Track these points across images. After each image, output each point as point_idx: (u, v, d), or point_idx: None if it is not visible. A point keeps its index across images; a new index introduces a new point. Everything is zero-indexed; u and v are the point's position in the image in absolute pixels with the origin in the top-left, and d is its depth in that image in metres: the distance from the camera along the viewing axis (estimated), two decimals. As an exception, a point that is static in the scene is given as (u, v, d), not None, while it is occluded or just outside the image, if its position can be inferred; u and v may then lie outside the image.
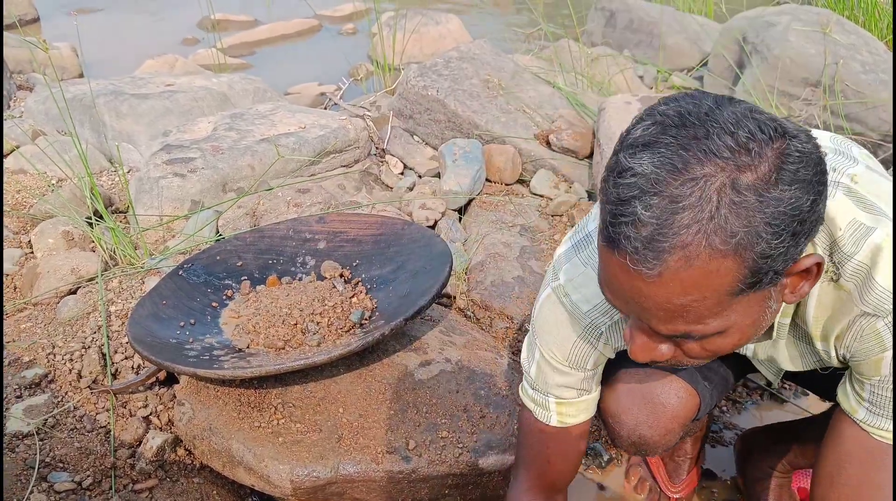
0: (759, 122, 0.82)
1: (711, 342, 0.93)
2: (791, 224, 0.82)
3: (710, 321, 0.88)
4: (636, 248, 0.82)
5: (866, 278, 0.97)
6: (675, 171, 0.80)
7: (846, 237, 0.97)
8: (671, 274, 0.82)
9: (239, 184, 2.43)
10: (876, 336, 1.00)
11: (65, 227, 2.24)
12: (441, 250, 1.77)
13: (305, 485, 1.49)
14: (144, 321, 1.67)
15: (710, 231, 0.80)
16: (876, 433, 1.08)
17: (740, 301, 0.87)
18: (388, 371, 1.68)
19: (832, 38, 3.01)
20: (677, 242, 0.80)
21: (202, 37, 4.80)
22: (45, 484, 1.55)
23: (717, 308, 0.86)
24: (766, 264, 0.83)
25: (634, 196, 0.81)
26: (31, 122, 2.98)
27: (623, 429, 1.32)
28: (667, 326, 0.89)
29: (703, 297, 0.84)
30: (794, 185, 0.81)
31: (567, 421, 1.28)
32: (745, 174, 0.80)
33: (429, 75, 2.74)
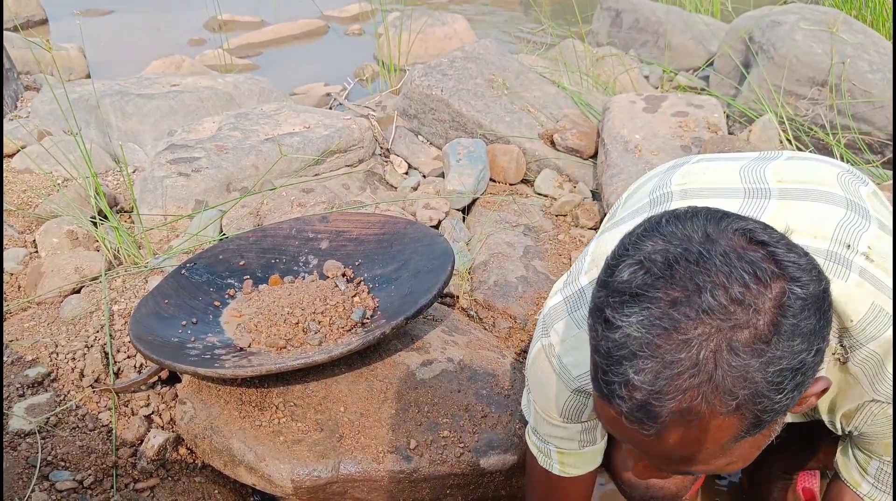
0: (753, 264, 0.76)
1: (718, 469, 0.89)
2: (794, 378, 0.77)
3: (713, 462, 0.84)
4: (630, 410, 0.78)
5: (878, 367, 0.93)
6: (666, 333, 0.75)
7: (861, 327, 0.93)
8: (669, 433, 0.78)
9: (243, 183, 2.43)
10: (888, 420, 0.97)
11: (69, 226, 2.24)
12: (443, 250, 1.76)
13: (306, 484, 1.49)
14: (146, 319, 1.67)
15: (708, 393, 0.75)
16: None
17: (745, 441, 0.83)
18: (390, 370, 1.67)
19: (839, 38, 3.00)
20: (674, 406, 0.76)
21: (209, 37, 4.82)
22: (46, 483, 1.55)
23: (719, 452, 0.82)
24: (770, 417, 0.79)
25: (624, 357, 0.77)
26: (36, 122, 2.99)
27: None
28: (669, 467, 0.86)
29: (704, 449, 0.80)
30: (795, 339, 0.76)
31: (569, 472, 1.25)
32: (742, 333, 0.75)
33: (433, 75, 2.74)
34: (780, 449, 1.61)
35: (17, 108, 3.28)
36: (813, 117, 2.90)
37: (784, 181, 1.06)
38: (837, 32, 3.00)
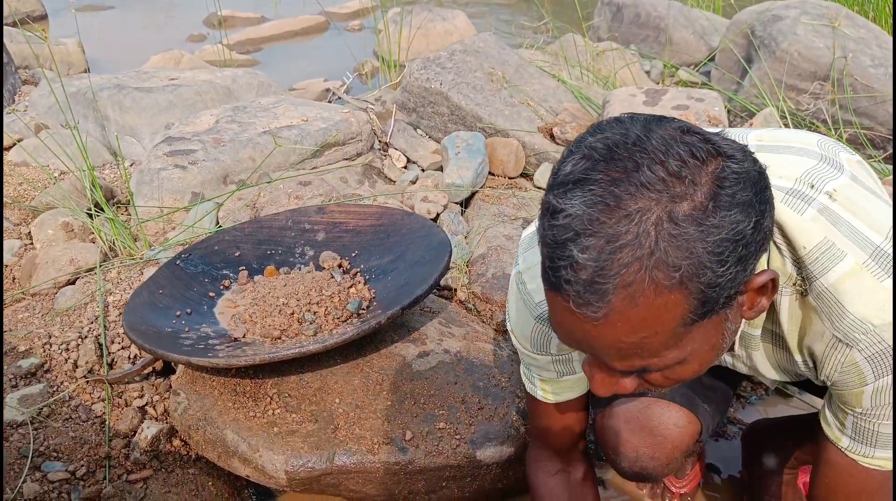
0: (690, 145, 0.78)
1: (672, 372, 0.89)
2: (735, 250, 0.78)
3: (665, 354, 0.84)
4: (577, 292, 0.79)
5: (835, 305, 0.94)
6: (608, 209, 0.76)
7: (813, 257, 0.94)
8: (617, 315, 0.79)
9: (240, 176, 2.41)
10: (855, 369, 0.97)
11: (64, 218, 2.23)
12: (440, 240, 1.75)
13: (300, 476, 1.47)
14: (140, 309, 1.66)
15: (651, 267, 0.76)
16: (863, 461, 1.07)
17: (696, 330, 0.83)
18: (386, 362, 1.66)
19: (841, 32, 2.98)
20: (619, 282, 0.77)
21: (208, 33, 4.81)
22: (38, 473, 1.53)
23: (670, 341, 0.83)
24: (715, 293, 0.80)
25: (569, 239, 0.78)
26: (33, 115, 2.98)
27: (624, 462, 1.30)
28: (622, 363, 0.86)
29: (654, 333, 0.81)
30: (733, 209, 0.78)
31: (551, 399, 1.28)
32: (681, 204, 0.76)
33: (432, 68, 2.73)
34: (783, 444, 1.60)
35: (15, 102, 3.27)
36: (815, 112, 2.88)
37: (763, 140, 1.07)
38: (839, 27, 2.98)
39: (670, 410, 1.27)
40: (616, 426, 1.28)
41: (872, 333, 0.93)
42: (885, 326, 0.93)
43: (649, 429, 1.27)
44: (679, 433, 1.27)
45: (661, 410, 1.27)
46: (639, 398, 1.27)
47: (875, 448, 1.04)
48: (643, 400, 1.28)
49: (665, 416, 1.27)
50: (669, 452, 1.27)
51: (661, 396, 1.28)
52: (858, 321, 0.93)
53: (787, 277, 0.97)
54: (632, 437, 1.27)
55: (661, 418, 1.27)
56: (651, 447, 1.26)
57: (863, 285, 0.93)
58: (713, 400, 1.35)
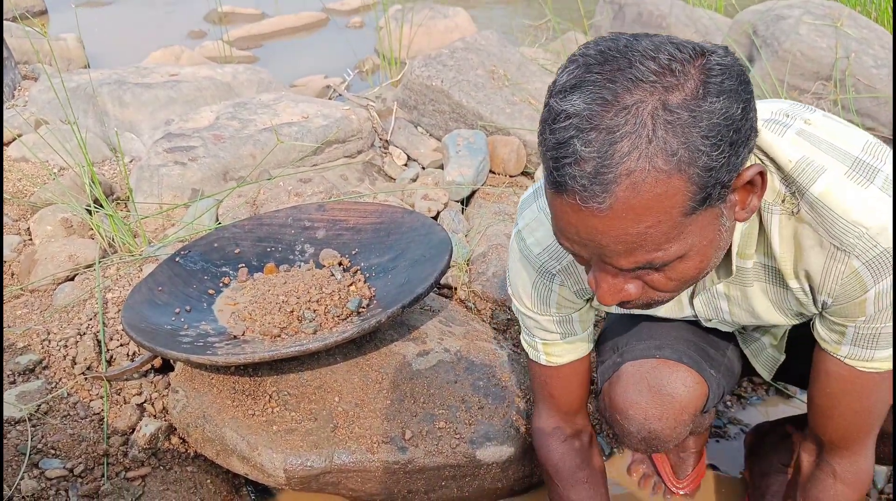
0: (676, 45, 0.85)
1: (674, 270, 0.92)
2: (727, 133, 0.83)
3: (668, 246, 0.88)
4: (584, 185, 0.82)
5: (827, 213, 0.98)
6: (607, 103, 0.81)
7: (797, 173, 0.99)
8: (622, 204, 0.83)
9: (240, 173, 2.41)
10: (855, 277, 1.00)
11: (63, 214, 2.22)
12: (441, 239, 1.74)
13: (299, 474, 1.47)
14: (139, 306, 1.65)
15: (651, 154, 0.81)
16: (861, 366, 1.10)
17: (694, 221, 0.87)
18: (386, 361, 1.65)
19: (844, 32, 2.97)
20: (622, 170, 0.81)
21: (209, 29, 4.80)
22: (36, 471, 1.52)
23: (673, 232, 0.86)
24: (712, 177, 0.84)
25: (572, 136, 0.82)
26: (33, 111, 2.97)
27: (632, 425, 1.29)
28: (628, 259, 0.88)
29: (657, 221, 0.85)
30: (721, 96, 0.83)
31: (555, 361, 1.32)
32: (674, 94, 0.82)
33: (433, 66, 2.72)
34: (784, 444, 1.59)
35: (15, 97, 3.26)
36: (816, 112, 2.87)
37: None
38: (842, 27, 2.97)
39: (678, 370, 1.27)
40: (624, 390, 1.28)
41: (866, 237, 0.96)
42: (878, 229, 0.96)
43: (657, 389, 1.26)
44: (687, 393, 1.27)
45: (669, 371, 1.27)
46: (646, 361, 1.28)
47: (875, 350, 1.08)
48: (650, 362, 1.28)
49: (673, 376, 1.27)
50: (678, 413, 1.26)
51: (668, 357, 1.28)
52: (851, 225, 0.96)
53: (776, 194, 1.01)
54: (640, 398, 1.27)
55: (668, 378, 1.27)
56: (659, 407, 1.26)
57: (848, 193, 0.97)
58: (719, 369, 1.35)
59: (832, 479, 1.23)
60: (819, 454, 1.26)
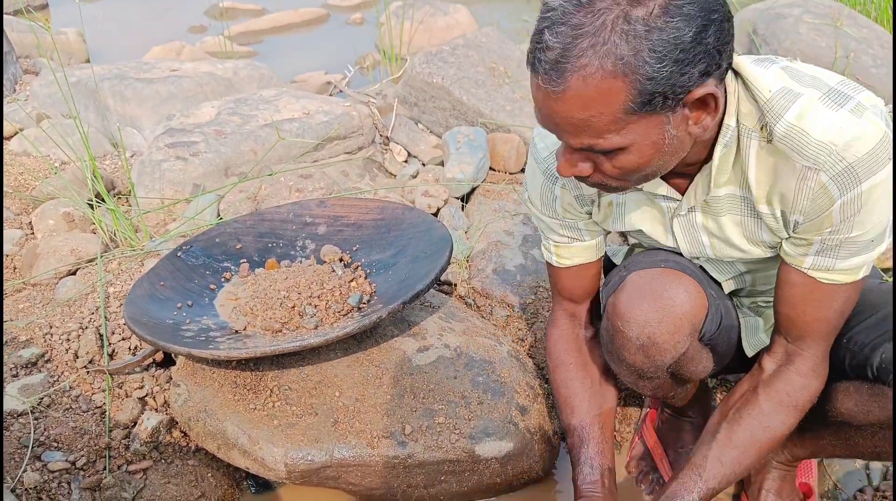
0: None
1: (617, 159, 1.06)
2: (673, 52, 0.95)
3: (609, 137, 1.02)
4: (545, 70, 0.99)
5: (799, 135, 1.08)
6: (580, 6, 0.96)
7: (774, 101, 1.09)
8: (572, 92, 0.98)
9: (241, 169, 2.41)
10: (823, 191, 1.10)
11: (65, 208, 2.23)
12: (441, 235, 1.75)
13: (300, 468, 1.48)
14: (141, 301, 1.66)
15: (603, 55, 0.95)
16: (821, 277, 1.20)
17: (637, 122, 1.01)
18: (386, 356, 1.66)
19: (844, 32, 2.98)
20: (577, 64, 0.96)
21: (210, 24, 4.80)
22: (38, 463, 1.54)
23: (613, 125, 1.01)
24: (652, 87, 0.97)
25: (546, 27, 0.98)
26: (35, 105, 2.98)
27: (631, 330, 1.29)
28: (575, 139, 1.05)
29: (599, 113, 1.00)
30: (677, 17, 0.95)
31: (564, 263, 1.46)
32: (637, 9, 0.95)
33: (434, 62, 2.72)
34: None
35: (16, 91, 3.26)
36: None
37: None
38: (842, 26, 2.98)
39: (681, 279, 1.29)
40: (627, 296, 1.30)
41: (835, 153, 1.06)
42: (844, 145, 1.06)
43: (659, 293, 1.28)
44: (688, 300, 1.28)
45: (672, 278, 1.29)
46: (650, 270, 1.31)
47: (836, 259, 1.17)
48: (654, 271, 1.31)
49: (675, 283, 1.29)
50: (677, 319, 1.27)
51: (672, 268, 1.31)
52: (822, 143, 1.07)
53: (755, 121, 1.12)
54: (641, 301, 1.28)
55: (671, 284, 1.28)
56: (660, 310, 1.27)
57: (819, 114, 1.07)
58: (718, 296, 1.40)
59: (795, 374, 1.31)
60: (782, 357, 1.33)
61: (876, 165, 1.06)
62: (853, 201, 1.09)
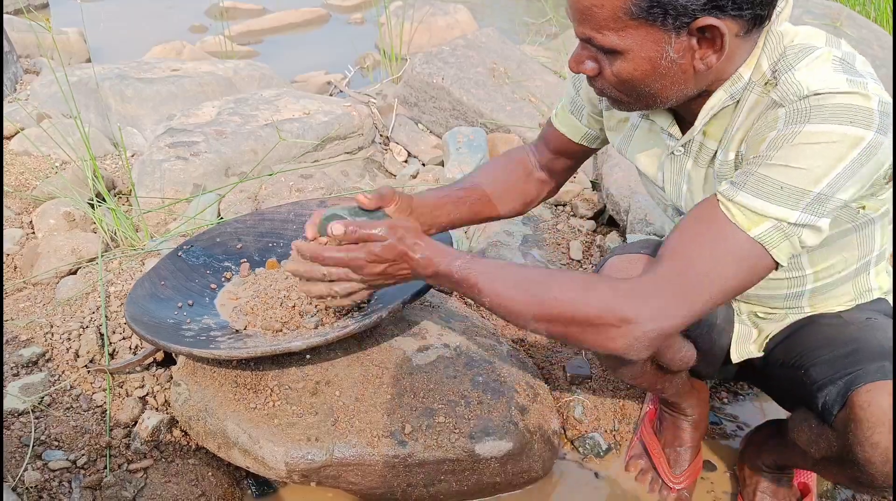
0: None
1: (616, 66, 1.10)
2: None
3: (607, 34, 1.07)
4: None
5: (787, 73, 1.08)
6: None
7: (795, 49, 1.09)
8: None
9: (242, 168, 2.42)
10: (772, 122, 1.08)
11: (66, 208, 2.24)
12: (442, 235, 1.75)
13: (300, 467, 1.48)
14: (142, 300, 1.66)
15: None
16: (721, 202, 1.10)
17: (636, 28, 1.05)
18: (386, 356, 1.67)
19: (843, 32, 2.98)
20: None
21: (210, 24, 4.80)
22: (39, 462, 1.54)
23: (612, 23, 1.05)
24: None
25: None
26: (36, 104, 2.98)
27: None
28: (579, 27, 1.10)
29: (601, 4, 1.05)
30: None
31: (555, 122, 1.55)
32: None
33: (434, 63, 2.73)
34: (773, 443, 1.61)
35: (17, 91, 3.27)
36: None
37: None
38: (841, 27, 2.99)
39: None
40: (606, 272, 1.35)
41: (803, 95, 1.05)
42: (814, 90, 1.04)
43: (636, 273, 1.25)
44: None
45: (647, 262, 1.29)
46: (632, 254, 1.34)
47: (741, 190, 1.08)
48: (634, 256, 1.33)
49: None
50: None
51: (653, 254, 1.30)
52: (797, 82, 1.06)
53: (761, 75, 1.13)
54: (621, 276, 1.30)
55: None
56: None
57: (820, 65, 1.06)
58: None
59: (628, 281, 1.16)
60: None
61: (835, 117, 1.01)
62: (788, 136, 1.04)
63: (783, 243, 1.08)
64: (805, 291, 1.38)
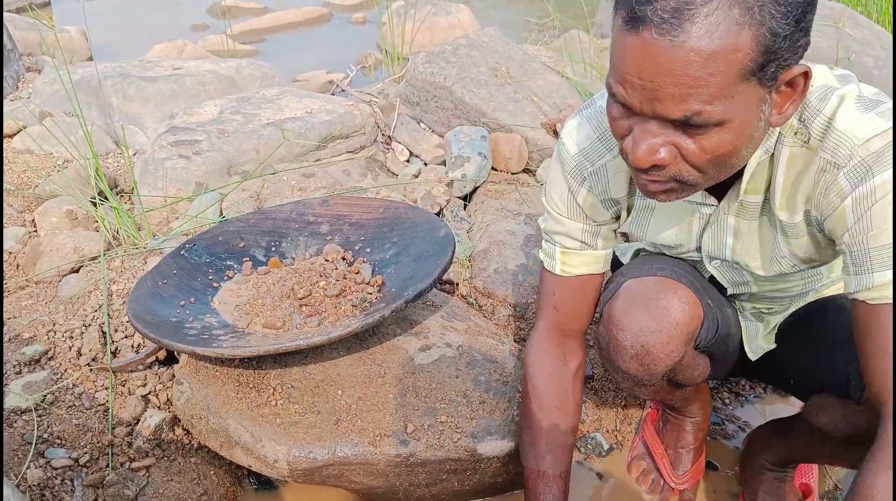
0: None
1: (710, 138, 0.97)
2: (796, 10, 0.91)
3: (717, 104, 0.93)
4: (662, 18, 0.89)
5: (825, 124, 1.06)
6: None
7: (814, 95, 1.07)
8: (694, 42, 0.90)
9: (244, 167, 2.42)
10: (835, 187, 1.06)
11: (69, 206, 2.24)
12: (444, 235, 1.76)
13: (302, 466, 1.48)
14: (145, 299, 1.67)
15: (730, 4, 0.89)
16: (869, 298, 1.07)
17: (745, 90, 0.93)
18: (388, 355, 1.67)
19: (845, 33, 2.98)
20: (703, 11, 0.89)
21: (212, 23, 4.80)
22: (42, 460, 1.54)
23: (726, 89, 0.92)
24: (776, 45, 0.91)
25: None
26: (38, 103, 2.98)
27: (626, 337, 1.29)
28: (680, 106, 0.93)
29: (718, 71, 0.91)
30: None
31: (570, 271, 1.40)
32: None
33: (437, 62, 2.73)
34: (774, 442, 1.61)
35: (18, 89, 3.27)
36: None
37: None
38: (843, 27, 2.99)
39: (677, 289, 1.29)
40: (622, 303, 1.31)
41: (854, 147, 1.03)
42: (861, 140, 1.03)
43: (654, 301, 1.28)
44: (682, 310, 1.27)
45: (668, 286, 1.29)
46: (647, 278, 1.31)
47: (872, 272, 1.05)
48: (651, 279, 1.31)
49: (670, 292, 1.29)
50: (672, 327, 1.27)
51: (668, 277, 1.30)
52: (843, 135, 1.04)
53: (790, 126, 1.10)
54: (636, 310, 1.29)
55: (666, 293, 1.28)
56: (654, 319, 1.27)
57: (850, 110, 1.05)
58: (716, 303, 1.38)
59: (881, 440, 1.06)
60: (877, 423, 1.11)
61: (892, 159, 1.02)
62: (865, 196, 1.04)
63: None
64: (816, 288, 1.41)
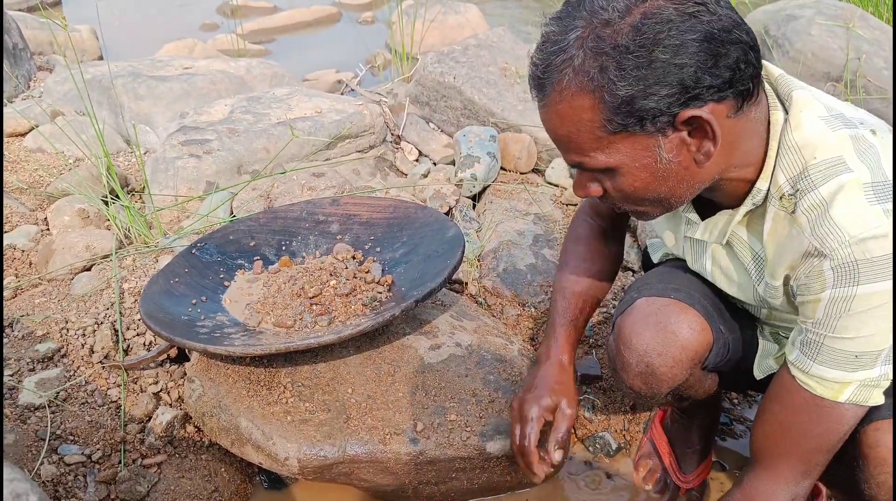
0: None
1: (614, 181, 1.08)
2: (639, 71, 0.96)
3: (594, 155, 1.04)
4: (533, 84, 1.05)
5: (820, 210, 1.03)
6: (559, 22, 1.02)
7: (819, 168, 1.04)
8: (552, 107, 1.03)
9: (254, 166, 2.43)
10: (819, 276, 1.05)
11: (80, 205, 2.25)
12: (453, 234, 1.76)
13: (313, 464, 1.49)
14: (157, 297, 1.68)
15: (574, 71, 0.99)
16: (799, 376, 1.13)
17: (621, 141, 1.02)
18: (398, 354, 1.68)
19: (856, 33, 2.98)
20: (555, 79, 1.01)
21: (221, 22, 4.82)
22: (55, 456, 1.56)
23: (595, 143, 1.03)
24: (624, 105, 0.98)
25: (537, 46, 1.04)
26: (49, 102, 3.00)
27: (632, 355, 1.31)
28: (566, 156, 1.08)
29: (577, 130, 1.03)
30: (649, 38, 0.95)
31: None
32: (607, 28, 0.97)
33: (446, 62, 2.74)
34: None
35: (30, 88, 3.29)
36: (827, 113, 2.88)
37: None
38: (854, 28, 2.98)
39: (687, 313, 1.30)
40: (632, 321, 1.32)
41: (846, 244, 1.01)
42: (857, 240, 1.00)
43: (663, 325, 1.29)
44: (690, 336, 1.29)
45: (678, 310, 1.30)
46: (659, 298, 1.32)
47: (813, 361, 1.11)
48: (663, 300, 1.32)
49: (681, 316, 1.30)
50: (678, 352, 1.29)
51: (681, 300, 1.31)
52: (837, 227, 1.01)
53: (777, 188, 1.09)
54: (645, 330, 1.30)
55: (676, 317, 1.29)
56: (662, 343, 1.28)
57: (853, 199, 1.01)
58: (730, 328, 1.38)
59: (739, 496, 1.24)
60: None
61: (883, 273, 1.00)
62: (843, 300, 1.03)
63: (874, 391, 1.11)
64: None
